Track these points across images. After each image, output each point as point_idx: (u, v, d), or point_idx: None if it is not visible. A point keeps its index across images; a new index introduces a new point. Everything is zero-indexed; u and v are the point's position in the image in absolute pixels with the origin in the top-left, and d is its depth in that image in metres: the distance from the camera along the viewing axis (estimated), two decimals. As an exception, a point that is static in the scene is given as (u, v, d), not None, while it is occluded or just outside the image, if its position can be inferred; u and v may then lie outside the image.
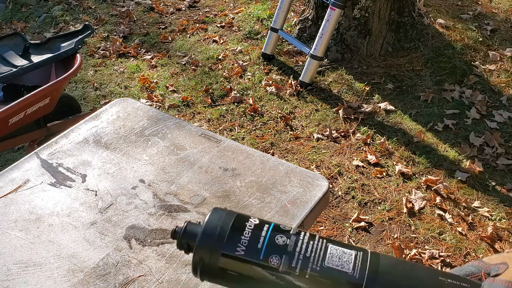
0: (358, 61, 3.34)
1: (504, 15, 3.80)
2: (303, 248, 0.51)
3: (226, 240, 0.52)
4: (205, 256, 0.53)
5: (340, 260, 0.51)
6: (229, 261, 0.52)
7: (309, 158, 2.59)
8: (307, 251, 0.51)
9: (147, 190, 1.10)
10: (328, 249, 0.51)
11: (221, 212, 0.55)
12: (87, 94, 3.28)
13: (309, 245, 0.51)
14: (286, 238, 0.52)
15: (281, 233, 0.52)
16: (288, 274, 0.51)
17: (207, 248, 0.53)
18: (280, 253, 0.51)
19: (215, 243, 0.53)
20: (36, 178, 1.14)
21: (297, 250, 0.51)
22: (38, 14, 4.43)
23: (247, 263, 0.52)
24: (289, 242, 0.52)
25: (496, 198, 2.30)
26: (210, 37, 3.84)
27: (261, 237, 0.52)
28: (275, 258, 0.51)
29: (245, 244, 0.52)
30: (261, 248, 0.52)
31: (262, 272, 0.52)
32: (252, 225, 0.53)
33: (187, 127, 1.30)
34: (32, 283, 0.90)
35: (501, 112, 2.82)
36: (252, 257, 0.52)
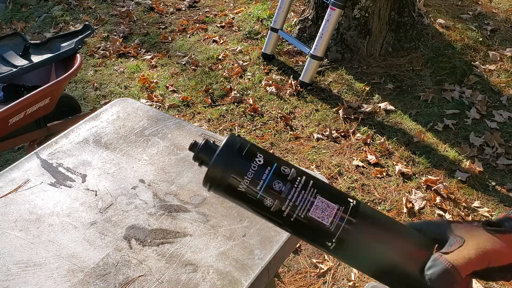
0: (358, 61, 3.34)
1: (504, 15, 3.80)
2: (294, 196, 0.59)
3: (236, 167, 0.60)
4: (217, 174, 0.61)
5: (323, 212, 0.59)
6: (234, 186, 0.61)
7: (309, 158, 2.59)
8: (297, 200, 0.59)
9: (147, 190, 1.10)
10: (316, 201, 0.59)
11: (237, 139, 0.63)
12: (87, 94, 3.28)
13: (300, 194, 0.59)
14: (282, 185, 0.59)
15: (280, 179, 0.60)
16: (278, 214, 0.60)
17: (220, 168, 0.61)
18: (274, 197, 0.59)
19: (227, 166, 0.61)
20: (36, 178, 1.14)
21: (288, 198, 0.59)
22: (38, 14, 4.43)
23: (248, 194, 0.61)
24: (284, 189, 0.59)
25: (496, 198, 2.30)
26: (210, 37, 3.84)
27: (262, 180, 0.60)
28: (269, 200, 0.60)
29: (249, 179, 0.60)
30: (260, 189, 0.60)
31: (257, 206, 0.61)
32: (261, 160, 0.61)
33: (187, 127, 1.30)
34: (32, 283, 0.90)
35: (501, 112, 2.82)
36: (252, 192, 0.60)
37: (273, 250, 0.95)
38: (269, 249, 0.95)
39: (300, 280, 1.96)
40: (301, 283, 1.95)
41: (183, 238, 0.98)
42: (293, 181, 0.60)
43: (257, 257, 0.94)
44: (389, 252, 0.58)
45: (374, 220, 0.60)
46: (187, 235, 0.99)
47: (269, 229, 1.00)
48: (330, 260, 2.03)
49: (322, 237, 0.59)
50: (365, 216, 0.60)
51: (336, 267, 2.01)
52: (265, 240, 0.97)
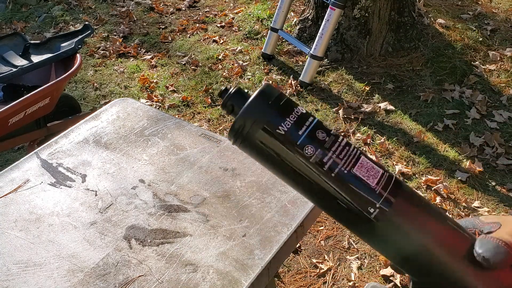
0: (358, 61, 3.34)
1: (504, 15, 3.80)
2: (338, 149, 0.53)
3: (271, 115, 0.54)
4: (246, 123, 0.54)
5: (368, 172, 0.53)
6: (267, 136, 0.54)
7: (309, 158, 2.59)
8: (341, 153, 0.53)
9: (147, 190, 1.10)
10: (360, 159, 0.53)
11: (273, 90, 0.56)
12: (87, 94, 3.28)
13: (345, 149, 0.53)
14: (326, 135, 0.53)
15: (323, 130, 0.54)
16: (317, 167, 0.53)
17: (251, 117, 0.54)
18: (316, 145, 0.53)
19: (261, 115, 0.54)
20: (36, 178, 1.14)
21: (332, 149, 0.53)
22: (38, 14, 4.43)
23: (283, 143, 0.54)
24: (328, 140, 0.53)
25: (496, 198, 2.30)
26: (210, 37, 3.84)
27: (304, 126, 0.54)
28: (311, 148, 0.53)
29: (288, 126, 0.53)
30: (301, 135, 0.53)
31: (293, 157, 0.54)
32: (299, 112, 0.55)
33: (187, 127, 1.30)
34: (32, 283, 0.90)
35: (501, 112, 2.82)
36: (290, 139, 0.53)
37: (273, 250, 0.95)
38: (269, 249, 0.95)
39: (300, 280, 1.96)
40: (301, 283, 1.95)
41: (183, 238, 0.98)
42: (337, 136, 0.54)
43: (257, 257, 0.94)
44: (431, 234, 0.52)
45: (417, 197, 0.54)
46: (187, 235, 0.99)
47: (269, 229, 1.00)
48: (330, 260, 2.03)
49: (365, 200, 0.52)
50: (408, 190, 0.53)
51: (336, 267, 2.01)
52: (265, 240, 0.97)
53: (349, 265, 2.01)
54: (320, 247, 2.10)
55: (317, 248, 2.10)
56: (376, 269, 2.00)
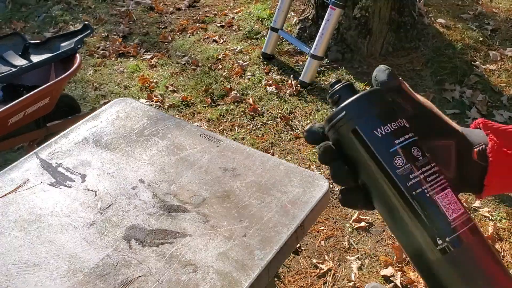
0: (358, 61, 3.34)
1: (504, 14, 3.80)
2: (428, 172, 0.52)
3: (373, 116, 0.53)
4: (347, 115, 0.53)
5: (450, 205, 0.51)
6: (362, 133, 0.53)
7: (309, 158, 2.59)
8: (430, 177, 0.51)
9: (146, 190, 1.10)
10: (446, 190, 0.52)
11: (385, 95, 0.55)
12: (87, 94, 3.27)
13: (434, 174, 0.52)
14: (421, 154, 0.52)
15: (419, 149, 0.53)
16: (402, 179, 0.52)
17: (354, 111, 0.54)
18: (408, 160, 0.52)
19: (364, 112, 0.53)
20: (35, 178, 1.14)
21: (422, 169, 0.51)
22: (38, 13, 4.43)
23: (375, 145, 0.53)
24: (421, 159, 0.52)
25: (497, 198, 2.29)
26: (210, 37, 3.83)
27: (403, 137, 0.52)
28: (401, 160, 0.52)
29: (387, 131, 0.52)
30: (397, 144, 0.52)
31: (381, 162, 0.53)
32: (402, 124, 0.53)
33: (187, 127, 1.30)
34: (32, 283, 0.89)
35: (502, 112, 2.82)
36: (384, 144, 0.52)
37: (273, 251, 0.95)
38: (269, 250, 0.95)
39: (300, 281, 1.95)
40: (301, 283, 1.94)
41: (183, 239, 0.98)
42: (430, 160, 0.53)
43: (257, 258, 0.93)
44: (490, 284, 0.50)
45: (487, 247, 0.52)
46: (187, 236, 0.98)
47: (269, 229, 1.00)
48: (330, 261, 2.03)
49: (436, 229, 0.50)
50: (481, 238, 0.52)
51: (336, 267, 2.00)
52: (265, 240, 0.97)
53: (350, 265, 2.01)
54: (320, 248, 2.10)
55: (317, 248, 2.09)
56: (377, 269, 1.99)
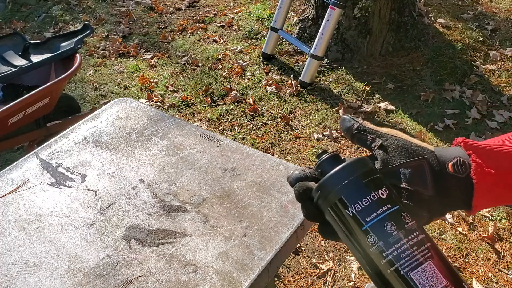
0: (358, 60, 3.34)
1: (504, 14, 3.80)
2: (402, 247, 0.51)
3: (346, 193, 0.54)
4: (324, 192, 0.55)
5: (427, 281, 0.49)
6: (337, 210, 0.54)
7: (309, 158, 2.59)
8: (404, 253, 0.50)
9: (146, 190, 1.10)
10: (425, 263, 0.50)
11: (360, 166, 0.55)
12: (87, 94, 3.27)
13: (410, 249, 0.50)
14: (395, 229, 0.51)
15: (395, 222, 0.52)
16: (375, 258, 0.52)
17: (330, 188, 0.55)
18: (380, 237, 0.51)
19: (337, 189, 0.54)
20: (35, 178, 1.14)
21: (396, 246, 0.51)
22: (38, 13, 4.43)
23: (349, 224, 0.53)
24: (395, 234, 0.51)
25: (497, 198, 2.29)
26: (210, 37, 3.83)
27: (375, 213, 0.52)
28: (373, 238, 0.51)
29: (358, 209, 0.53)
30: (368, 222, 0.52)
31: (357, 239, 0.53)
32: (375, 197, 0.53)
33: (187, 127, 1.30)
34: (32, 283, 0.89)
35: (502, 112, 2.82)
36: (357, 223, 0.52)
37: (273, 251, 0.95)
38: (269, 250, 0.95)
39: (300, 281, 1.95)
40: (301, 283, 1.94)
41: (183, 238, 0.98)
42: (409, 231, 0.51)
43: (257, 258, 0.93)
44: None
45: None
46: (187, 235, 0.98)
47: (269, 229, 1.00)
48: (330, 261, 2.03)
49: None
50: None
51: (336, 267, 2.00)
52: (265, 240, 0.97)
53: (350, 265, 2.01)
54: (320, 247, 2.10)
55: (317, 248, 2.09)
56: (377, 269, 1.99)
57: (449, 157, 0.56)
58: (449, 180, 0.55)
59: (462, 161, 0.55)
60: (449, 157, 0.56)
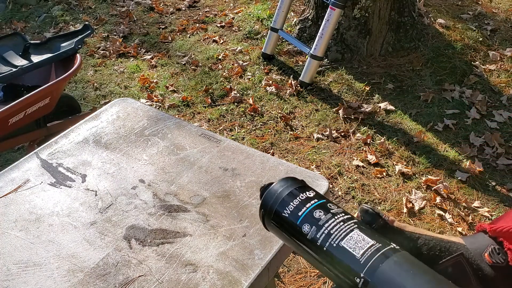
0: (358, 61, 3.34)
1: (504, 15, 3.80)
2: (331, 225, 0.59)
3: (280, 201, 0.65)
4: (263, 208, 0.67)
5: (356, 244, 0.57)
6: (276, 218, 0.65)
7: (309, 158, 2.59)
8: (333, 229, 0.59)
9: (147, 190, 1.10)
10: (351, 232, 0.58)
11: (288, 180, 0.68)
12: (87, 94, 3.28)
13: (338, 225, 0.59)
14: (323, 213, 0.61)
15: (322, 209, 0.62)
16: (313, 242, 0.60)
17: (267, 204, 0.67)
18: (312, 224, 0.60)
19: (272, 201, 0.66)
20: (36, 178, 1.14)
21: (325, 226, 0.59)
22: (38, 14, 4.43)
23: (287, 224, 0.63)
24: (324, 218, 0.60)
25: (496, 198, 2.30)
26: (210, 37, 3.84)
27: (304, 207, 0.62)
28: (307, 226, 0.61)
29: (291, 209, 0.63)
30: (301, 215, 0.62)
31: (295, 235, 0.62)
32: (304, 196, 0.64)
33: (187, 127, 1.30)
34: (32, 283, 0.90)
35: (501, 112, 2.82)
36: (291, 220, 0.63)
37: (273, 250, 0.95)
38: (269, 249, 0.95)
39: (300, 280, 1.96)
40: (301, 283, 1.95)
41: (183, 238, 0.98)
42: (335, 214, 0.60)
43: (257, 257, 0.93)
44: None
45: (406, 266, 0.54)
46: (187, 235, 0.99)
47: (269, 229, 1.00)
48: (330, 260, 2.03)
49: (352, 270, 0.55)
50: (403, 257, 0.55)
51: (336, 267, 2.00)
52: (265, 240, 0.97)
53: (349, 265, 2.01)
54: (320, 247, 2.10)
55: (317, 248, 2.09)
56: (376, 269, 1.99)
57: (482, 247, 0.57)
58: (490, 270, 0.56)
59: (498, 250, 0.56)
60: (481, 247, 0.57)
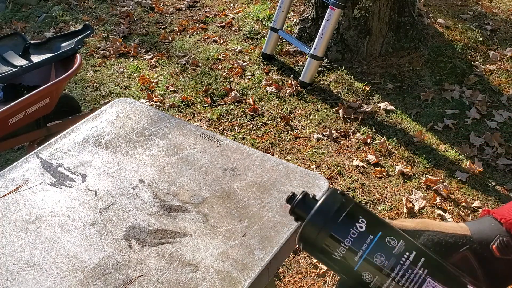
0: (358, 61, 3.34)
1: (504, 15, 3.80)
2: (399, 274, 0.50)
3: (333, 230, 0.53)
4: (311, 234, 0.54)
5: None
6: (329, 252, 0.53)
7: (309, 158, 2.59)
8: (402, 279, 0.50)
9: (147, 190, 1.10)
10: (425, 284, 0.49)
11: (338, 197, 0.55)
12: (87, 94, 3.28)
13: (407, 273, 0.50)
14: (385, 259, 0.51)
15: (383, 252, 0.51)
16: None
17: (316, 229, 0.54)
18: (375, 272, 0.51)
19: (324, 228, 0.53)
20: (36, 178, 1.14)
21: (392, 276, 0.50)
22: (38, 14, 4.43)
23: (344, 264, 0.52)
24: (387, 264, 0.50)
25: (496, 198, 2.30)
26: (210, 37, 3.84)
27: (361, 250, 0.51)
28: (368, 275, 0.51)
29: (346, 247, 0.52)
30: (358, 260, 0.52)
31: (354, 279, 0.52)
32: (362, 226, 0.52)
33: (187, 127, 1.30)
34: (32, 283, 0.90)
35: (501, 112, 2.82)
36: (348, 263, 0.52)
37: (273, 250, 0.95)
38: (269, 249, 0.95)
39: (300, 280, 1.96)
40: (301, 283, 1.95)
41: (183, 238, 0.98)
42: (399, 255, 0.51)
43: (257, 257, 0.93)
44: None
45: None
46: (187, 235, 0.99)
47: (269, 229, 1.00)
48: (330, 260, 2.03)
49: None
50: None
51: (336, 267, 2.00)
52: (265, 240, 0.97)
53: (349, 265, 2.01)
54: (320, 247, 2.10)
55: (317, 248, 2.10)
56: (376, 269, 1.99)
57: (489, 238, 0.55)
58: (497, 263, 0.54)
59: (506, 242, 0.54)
60: (488, 238, 0.55)
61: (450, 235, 0.56)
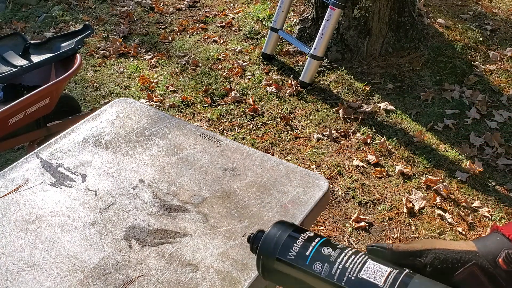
0: (358, 61, 3.34)
1: (504, 15, 3.80)
2: (344, 259, 0.59)
3: (280, 247, 0.63)
4: (263, 259, 0.65)
5: (374, 273, 0.57)
6: (281, 264, 0.63)
7: (309, 158, 2.59)
8: (347, 262, 0.58)
9: (147, 190, 1.10)
10: (367, 263, 0.58)
11: (282, 225, 0.66)
12: (87, 94, 3.28)
13: (350, 258, 0.59)
14: (332, 250, 0.60)
15: (329, 246, 0.61)
16: (328, 280, 0.59)
17: (265, 253, 0.64)
18: (323, 261, 0.59)
19: (272, 248, 0.64)
20: (36, 178, 1.14)
21: (338, 260, 0.59)
22: (38, 14, 4.43)
23: (295, 267, 0.61)
24: (333, 253, 0.59)
25: (496, 198, 2.30)
26: (210, 37, 3.84)
27: (310, 246, 0.61)
28: (318, 265, 0.59)
29: (296, 251, 0.61)
30: (309, 255, 0.60)
31: (307, 276, 0.60)
32: (306, 236, 0.63)
33: (187, 127, 1.30)
34: (32, 283, 0.90)
35: (501, 112, 2.82)
36: (299, 262, 0.61)
37: (273, 250, 0.95)
38: (269, 249, 0.95)
39: (300, 280, 1.95)
40: (301, 283, 1.94)
41: (183, 238, 0.98)
42: (343, 248, 0.60)
43: (257, 257, 0.93)
44: None
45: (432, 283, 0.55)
46: (187, 235, 0.99)
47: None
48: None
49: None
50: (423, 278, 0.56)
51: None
52: (265, 240, 0.97)
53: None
54: (320, 247, 2.10)
55: (317, 248, 2.09)
56: (376, 269, 1.99)
57: (495, 252, 0.56)
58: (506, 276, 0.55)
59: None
60: (494, 252, 0.56)
61: (456, 251, 0.58)
